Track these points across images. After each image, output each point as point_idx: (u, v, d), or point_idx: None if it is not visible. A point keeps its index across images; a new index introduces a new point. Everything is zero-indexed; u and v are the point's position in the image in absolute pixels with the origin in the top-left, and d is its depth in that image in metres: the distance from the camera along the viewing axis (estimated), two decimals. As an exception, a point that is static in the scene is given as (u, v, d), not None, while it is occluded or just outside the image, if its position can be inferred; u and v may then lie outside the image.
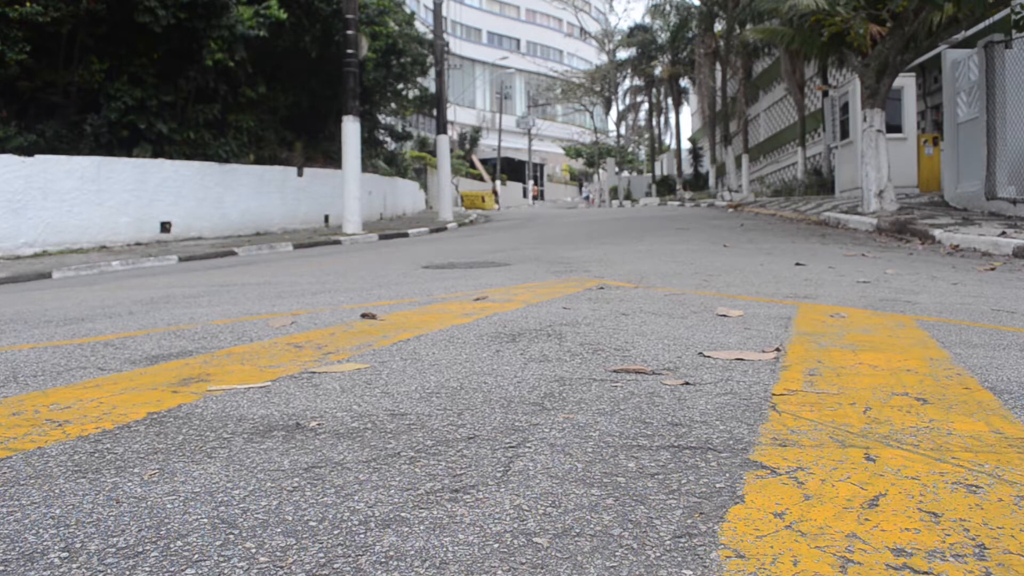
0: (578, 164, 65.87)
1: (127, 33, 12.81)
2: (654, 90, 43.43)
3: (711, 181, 33.57)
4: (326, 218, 16.99)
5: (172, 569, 1.04)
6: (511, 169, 53.32)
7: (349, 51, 13.84)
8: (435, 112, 22.57)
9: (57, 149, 12.31)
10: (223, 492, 1.32)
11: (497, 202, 40.87)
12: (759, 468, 1.38)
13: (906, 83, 15.61)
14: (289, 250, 11.67)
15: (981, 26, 11.99)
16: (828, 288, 4.30)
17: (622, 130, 50.82)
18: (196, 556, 1.08)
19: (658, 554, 1.06)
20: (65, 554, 1.10)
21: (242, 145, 15.58)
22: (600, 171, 52.23)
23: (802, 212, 13.89)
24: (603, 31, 47.63)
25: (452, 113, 38.50)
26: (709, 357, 2.37)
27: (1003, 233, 7.10)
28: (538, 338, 2.76)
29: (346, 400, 1.93)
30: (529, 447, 1.53)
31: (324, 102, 18.24)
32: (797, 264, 5.80)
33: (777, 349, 2.47)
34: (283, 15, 14.19)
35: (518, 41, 64.18)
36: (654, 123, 45.90)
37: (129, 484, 1.37)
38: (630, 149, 56.79)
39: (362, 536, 1.14)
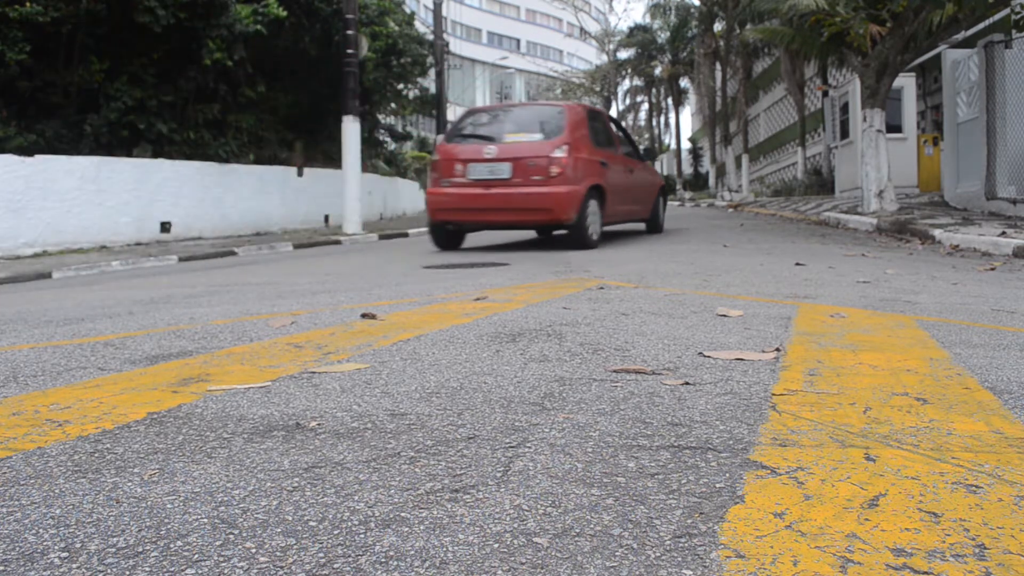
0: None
1: (127, 33, 12.81)
2: (654, 90, 43.47)
3: (711, 181, 33.57)
4: (326, 218, 16.99)
5: (172, 569, 1.04)
6: (511, 169, 53.22)
7: (349, 51, 13.84)
8: (435, 112, 22.58)
9: (57, 149, 12.31)
10: (223, 492, 1.32)
11: None
12: (759, 468, 1.38)
13: (906, 83, 15.61)
14: (289, 250, 11.67)
15: (981, 26, 12.00)
16: (828, 288, 4.30)
17: (622, 130, 50.75)
18: (196, 556, 1.08)
19: (658, 554, 1.06)
20: (65, 554, 1.10)
21: (242, 145, 15.58)
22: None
23: (802, 212, 13.89)
24: (603, 31, 47.63)
25: (452, 113, 38.49)
26: (709, 357, 2.37)
27: (1003, 233, 7.10)
28: (538, 338, 2.76)
29: (346, 400, 1.93)
30: (529, 447, 1.53)
31: (324, 102, 18.24)
32: (797, 264, 5.80)
33: (777, 349, 2.47)
34: (282, 13, 14.18)
35: (518, 41, 64.18)
36: (654, 123, 45.90)
37: (129, 484, 1.37)
38: (630, 149, 56.73)
39: (362, 536, 1.14)
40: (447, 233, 8.69)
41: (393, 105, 22.60)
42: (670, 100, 42.05)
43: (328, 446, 1.56)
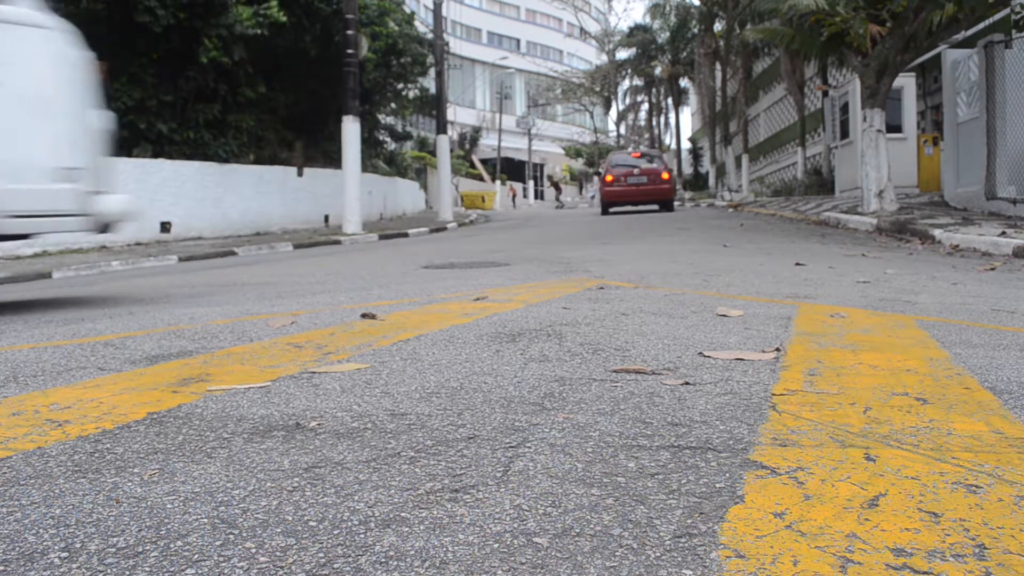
0: (578, 164, 65.90)
1: (127, 33, 12.81)
2: (654, 90, 43.48)
3: (711, 181, 33.57)
4: (326, 218, 17.00)
5: (172, 569, 1.04)
6: (511, 169, 53.30)
7: (349, 51, 13.83)
8: (435, 112, 22.58)
9: (57, 149, 12.29)
10: (223, 492, 1.32)
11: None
12: (759, 468, 1.38)
13: (906, 83, 15.61)
14: (289, 250, 11.67)
15: (981, 26, 11.99)
16: (828, 288, 4.30)
17: (622, 130, 50.84)
18: (196, 556, 1.08)
19: (658, 554, 1.06)
20: (65, 554, 1.10)
21: (242, 145, 15.58)
22: (600, 171, 52.17)
23: (802, 212, 13.89)
24: (603, 31, 47.68)
25: (452, 113, 38.47)
26: (709, 357, 2.37)
27: (1003, 233, 7.10)
28: (538, 338, 2.76)
29: (346, 400, 1.93)
30: (529, 447, 1.53)
31: (324, 102, 18.24)
32: (797, 264, 5.80)
33: (777, 349, 2.47)
34: (282, 17, 14.16)
35: (518, 41, 64.13)
36: (654, 123, 45.89)
37: (129, 484, 1.37)
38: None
39: (362, 536, 1.14)
40: (610, 207, 20.18)
41: (393, 105, 22.61)
42: (670, 100, 42.05)
43: (328, 446, 1.56)
